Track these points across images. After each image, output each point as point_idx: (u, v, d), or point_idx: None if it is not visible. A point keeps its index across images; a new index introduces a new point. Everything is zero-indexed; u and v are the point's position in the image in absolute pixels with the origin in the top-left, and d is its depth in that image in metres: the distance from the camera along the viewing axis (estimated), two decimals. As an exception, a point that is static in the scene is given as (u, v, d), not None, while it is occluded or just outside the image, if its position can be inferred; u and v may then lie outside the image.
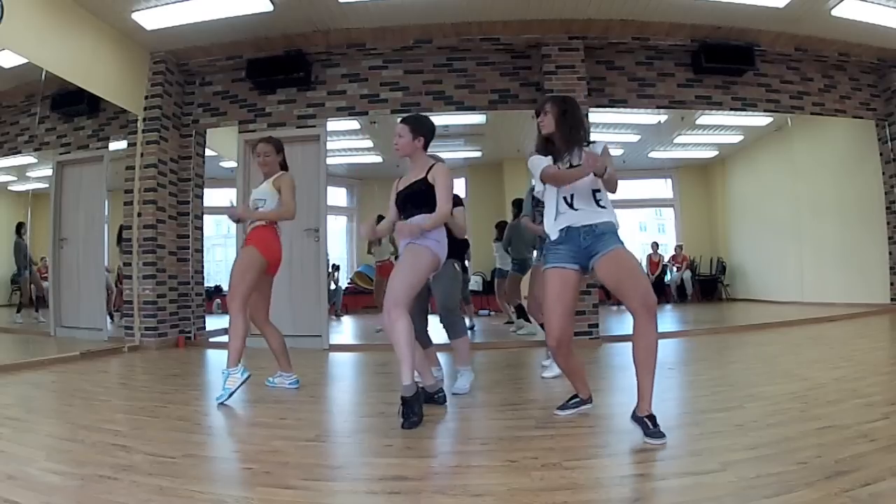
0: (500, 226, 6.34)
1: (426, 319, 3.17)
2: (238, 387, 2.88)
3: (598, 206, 2.27)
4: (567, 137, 2.33)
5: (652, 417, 2.02)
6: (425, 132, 2.70)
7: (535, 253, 5.74)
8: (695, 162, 10.00)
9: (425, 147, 2.72)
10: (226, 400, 2.83)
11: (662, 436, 1.95)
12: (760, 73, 5.76)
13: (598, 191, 2.27)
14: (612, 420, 2.36)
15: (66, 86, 4.73)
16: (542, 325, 3.49)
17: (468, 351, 3.14)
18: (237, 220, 3.38)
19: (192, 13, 4.76)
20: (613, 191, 2.25)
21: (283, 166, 3.33)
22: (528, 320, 5.72)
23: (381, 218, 2.93)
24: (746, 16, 5.12)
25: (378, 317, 3.63)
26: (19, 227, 5.33)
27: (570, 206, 2.27)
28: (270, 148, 3.27)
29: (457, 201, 3.26)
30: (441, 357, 3.52)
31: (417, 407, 2.34)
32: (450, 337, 3.14)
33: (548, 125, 2.38)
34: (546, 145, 2.40)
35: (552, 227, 2.30)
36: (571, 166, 2.28)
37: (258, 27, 5.08)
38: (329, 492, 1.70)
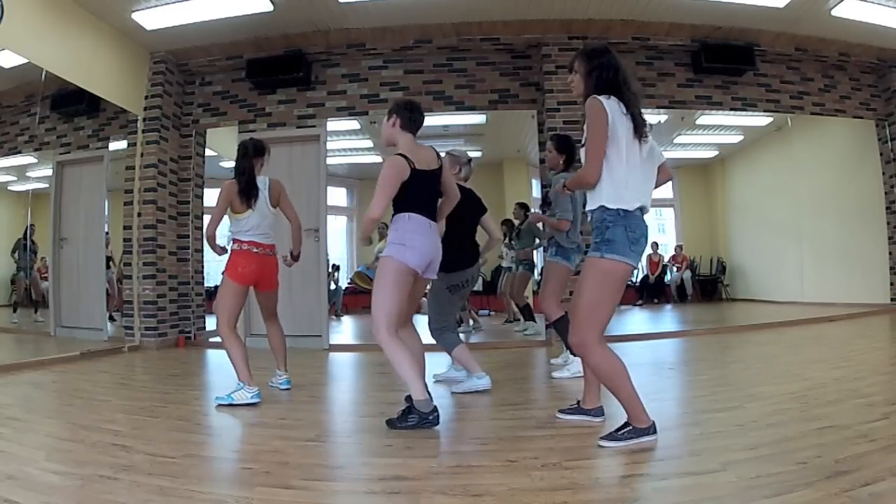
0: (506, 223, 6.36)
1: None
2: (241, 404, 2.81)
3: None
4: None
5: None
6: (396, 110, 2.53)
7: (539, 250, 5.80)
8: (695, 162, 10.00)
9: (405, 126, 2.51)
10: (223, 404, 2.82)
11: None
12: (760, 73, 5.75)
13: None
14: (612, 420, 2.36)
15: (66, 86, 4.73)
16: (553, 325, 3.47)
17: (468, 357, 3.08)
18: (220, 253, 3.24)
19: (192, 13, 4.76)
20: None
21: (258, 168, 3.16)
22: (533, 319, 5.74)
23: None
24: (746, 16, 5.12)
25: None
26: (27, 230, 5.35)
27: None
28: None
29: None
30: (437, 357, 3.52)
31: (426, 423, 2.28)
32: (447, 351, 3.16)
33: (576, 87, 2.07)
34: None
35: None
36: None
37: (258, 27, 5.07)
38: (329, 492, 1.70)
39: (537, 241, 5.65)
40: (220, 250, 3.09)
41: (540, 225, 3.89)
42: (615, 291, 1.98)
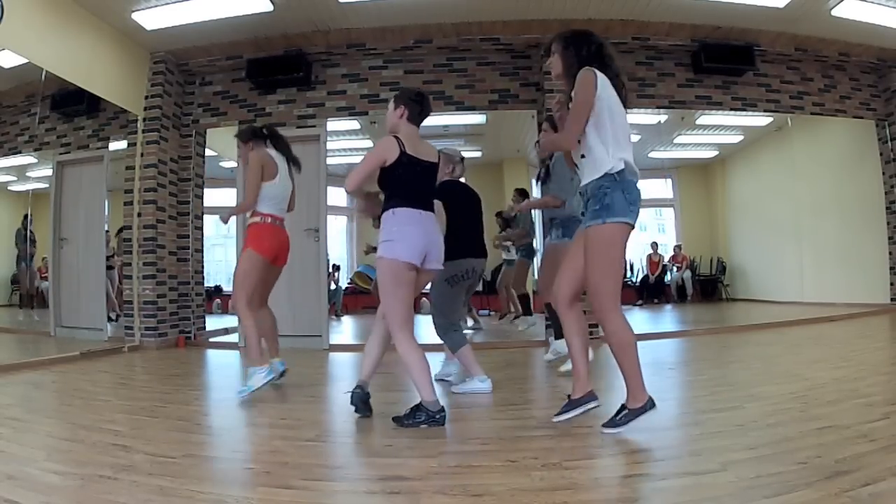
0: (499, 215, 6.37)
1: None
2: (263, 385, 2.89)
3: (581, 157, 2.11)
4: (569, 76, 2.09)
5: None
6: (404, 101, 2.50)
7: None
8: (695, 162, 9.99)
9: (411, 119, 2.49)
10: (245, 395, 2.86)
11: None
12: (760, 73, 5.76)
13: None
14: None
15: (66, 86, 4.73)
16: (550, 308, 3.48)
17: (472, 359, 3.06)
18: (225, 221, 3.35)
19: (192, 13, 4.76)
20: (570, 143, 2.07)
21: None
22: (530, 313, 5.76)
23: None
24: (746, 16, 5.12)
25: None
26: (24, 219, 5.37)
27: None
28: (238, 142, 3.28)
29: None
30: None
31: (433, 421, 2.30)
32: (451, 350, 3.13)
33: (555, 66, 2.15)
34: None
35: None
36: None
37: (258, 27, 5.07)
38: (329, 492, 1.70)
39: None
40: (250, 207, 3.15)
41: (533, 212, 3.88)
42: (621, 255, 2.08)
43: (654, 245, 9.66)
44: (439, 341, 3.18)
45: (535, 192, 6.23)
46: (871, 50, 5.80)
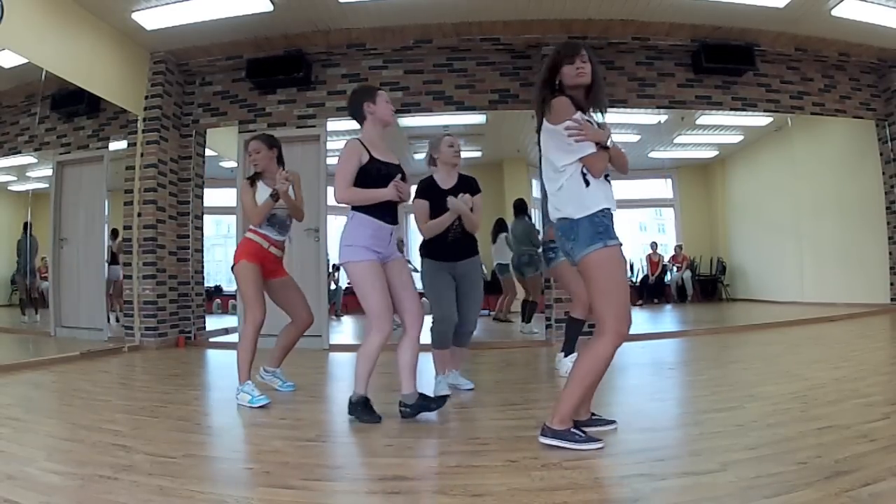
0: (499, 222, 6.36)
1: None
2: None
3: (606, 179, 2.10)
4: (601, 93, 2.17)
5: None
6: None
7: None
8: (695, 162, 10.00)
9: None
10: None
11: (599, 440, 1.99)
12: (760, 73, 5.75)
13: None
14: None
15: (66, 86, 4.73)
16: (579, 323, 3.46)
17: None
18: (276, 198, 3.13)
19: (192, 13, 4.76)
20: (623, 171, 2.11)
21: (280, 163, 3.21)
22: (527, 320, 5.78)
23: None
24: (746, 16, 5.12)
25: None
26: (25, 227, 5.38)
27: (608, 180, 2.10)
28: (261, 145, 3.13)
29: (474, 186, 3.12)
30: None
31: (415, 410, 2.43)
32: (462, 346, 3.13)
33: (588, 74, 2.15)
34: (577, 94, 2.16)
35: (606, 199, 2.02)
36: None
37: (258, 27, 5.07)
38: (329, 492, 1.70)
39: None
40: None
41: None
42: None
43: (654, 245, 9.67)
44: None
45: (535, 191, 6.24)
46: (871, 50, 5.79)
